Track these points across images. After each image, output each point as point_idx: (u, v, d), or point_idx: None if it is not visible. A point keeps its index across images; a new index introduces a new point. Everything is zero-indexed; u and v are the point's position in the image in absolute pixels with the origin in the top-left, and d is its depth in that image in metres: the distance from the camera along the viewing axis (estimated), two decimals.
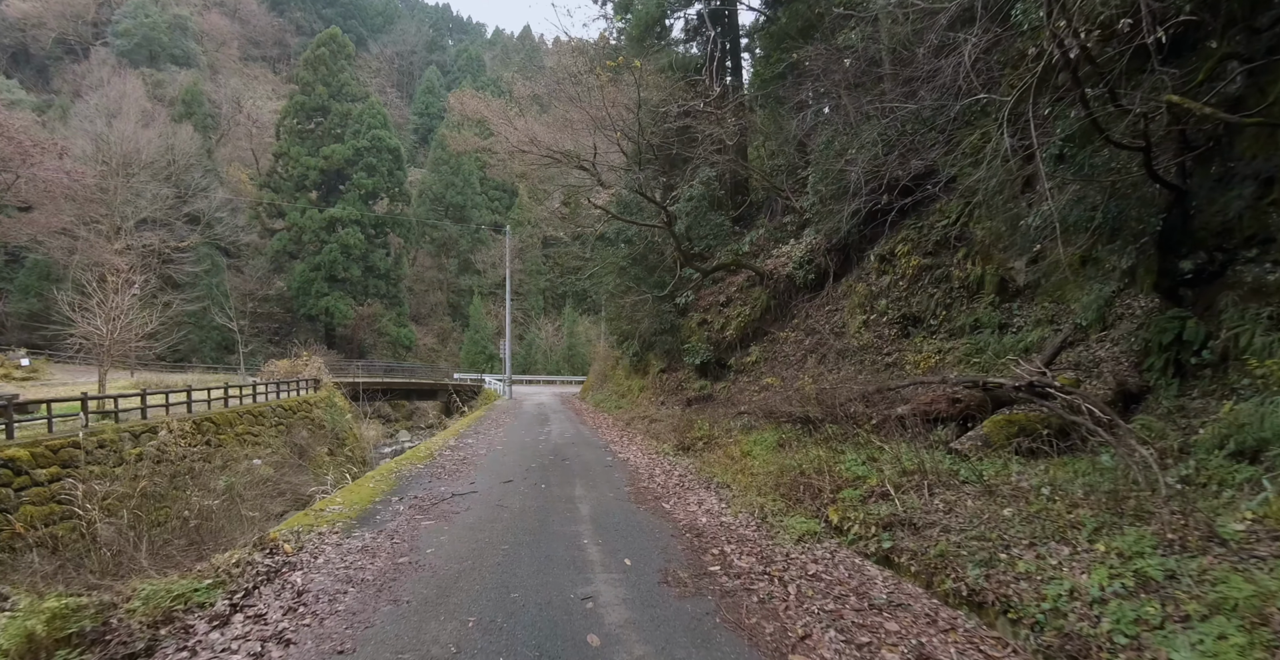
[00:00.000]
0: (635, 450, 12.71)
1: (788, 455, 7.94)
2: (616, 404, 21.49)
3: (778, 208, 19.57)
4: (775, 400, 11.77)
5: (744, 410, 10.99)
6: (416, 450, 12.81)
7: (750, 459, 8.48)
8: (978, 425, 7.58)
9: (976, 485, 5.66)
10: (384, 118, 53.49)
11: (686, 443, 11.27)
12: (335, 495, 8.55)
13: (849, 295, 15.55)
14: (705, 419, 12.07)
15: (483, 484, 9.26)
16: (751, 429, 9.87)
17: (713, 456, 9.68)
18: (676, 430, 12.48)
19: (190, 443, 16.29)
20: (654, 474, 9.85)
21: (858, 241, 15.89)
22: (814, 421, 9.52)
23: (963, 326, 12.23)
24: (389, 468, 10.70)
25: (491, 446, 13.41)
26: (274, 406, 20.94)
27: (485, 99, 22.31)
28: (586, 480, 9.50)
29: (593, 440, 14.86)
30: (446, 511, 7.51)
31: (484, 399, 36.85)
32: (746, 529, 6.36)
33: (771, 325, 16.92)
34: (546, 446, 13.46)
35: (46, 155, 32.99)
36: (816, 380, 13.27)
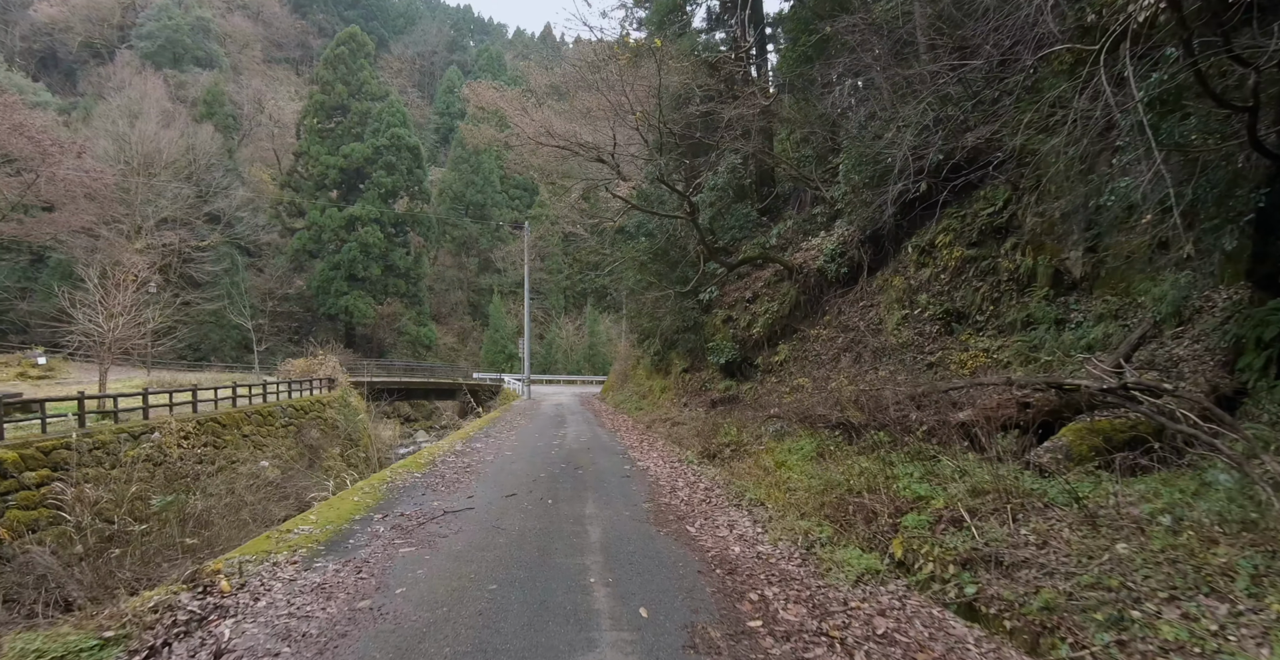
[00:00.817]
0: (656, 457, 11.75)
1: (830, 467, 6.94)
2: (637, 405, 20.57)
3: (806, 198, 18.53)
4: (809, 403, 10.78)
5: (775, 414, 9.99)
6: (417, 456, 11.95)
7: (786, 471, 7.48)
8: (1054, 433, 6.54)
9: (1071, 510, 4.64)
10: (403, 116, 53.14)
11: (712, 449, 10.25)
12: (311, 511, 7.71)
13: (885, 290, 14.49)
14: (732, 423, 11.05)
15: (482, 498, 8.36)
16: (784, 435, 8.87)
17: (742, 466, 8.67)
18: (701, 435, 11.50)
19: (193, 444, 15.68)
20: (676, 487, 8.85)
21: (894, 232, 14.83)
22: (855, 427, 8.52)
23: (1013, 323, 11.16)
24: (381, 477, 9.81)
25: (500, 452, 12.55)
26: (285, 406, 20.34)
27: (501, 89, 21.52)
28: (600, 494, 8.55)
29: (610, 445, 13.92)
30: (433, 534, 6.57)
31: (503, 399, 36.18)
32: (790, 562, 5.30)
33: (801, 322, 15.89)
34: (560, 452, 12.54)
35: (65, 155, 32.87)
36: (854, 381, 12.24)
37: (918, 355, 12.52)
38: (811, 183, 17.92)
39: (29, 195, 34.72)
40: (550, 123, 20.53)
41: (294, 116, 59.54)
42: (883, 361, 13.07)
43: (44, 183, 33.73)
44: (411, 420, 49.42)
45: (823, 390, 12.39)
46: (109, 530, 12.21)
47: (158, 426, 14.96)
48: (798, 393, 12.28)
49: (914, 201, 13.88)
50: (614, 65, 16.55)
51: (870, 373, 12.78)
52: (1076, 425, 6.58)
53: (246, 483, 16.18)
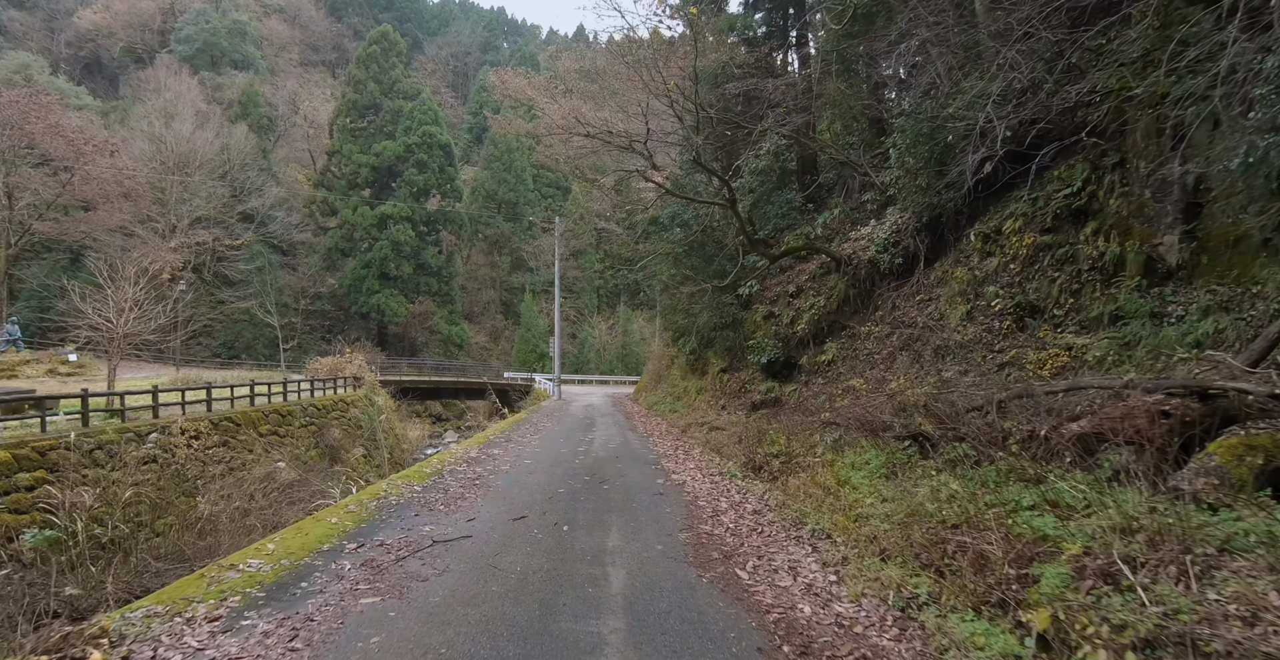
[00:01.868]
0: (693, 469, 10.43)
1: (907, 488, 5.66)
2: (671, 407, 19.37)
3: (854, 185, 17.16)
4: (867, 408, 9.47)
5: (830, 420, 8.70)
6: (424, 464, 10.80)
7: (852, 492, 6.19)
8: (1200, 451, 5.18)
9: (1267, 559, 3.32)
10: (435, 114, 52.79)
11: (758, 461, 8.93)
12: (273, 536, 6.56)
13: (946, 282, 13.09)
14: (778, 429, 9.75)
15: (484, 521, 7.01)
16: (843, 446, 7.58)
17: (796, 482, 7.39)
18: (743, 442, 10.23)
19: (204, 444, 14.96)
20: (719, 509, 7.47)
21: (954, 219, 13.43)
22: (929, 438, 7.22)
23: (1099, 317, 9.71)
24: (373, 492, 8.59)
25: (518, 460, 11.34)
26: (305, 405, 19.63)
27: (529, 75, 20.56)
28: (627, 518, 7.14)
29: (642, 453, 12.65)
30: (410, 576, 5.18)
31: (533, 399, 35.35)
32: (884, 634, 3.88)
33: (850, 318, 14.53)
34: (584, 461, 11.25)
35: (99, 153, 33.02)
36: (916, 383, 10.88)
37: (986, 354, 11.13)
38: (859, 168, 16.59)
39: (65, 195, 35.04)
40: (580, 111, 19.46)
41: (329, 118, 59.76)
42: (946, 361, 11.68)
43: (79, 182, 33.98)
44: (443, 419, 49.02)
45: (880, 393, 11.07)
46: (107, 535, 11.50)
47: (166, 426, 14.27)
48: (851, 396, 10.97)
49: (976, 185, 12.57)
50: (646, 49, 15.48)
51: (932, 374, 11.43)
52: (1227, 441, 5.20)
53: (260, 485, 15.42)
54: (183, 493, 13.77)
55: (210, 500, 13.96)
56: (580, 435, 14.60)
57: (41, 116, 32.65)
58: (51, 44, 72.34)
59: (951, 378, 10.53)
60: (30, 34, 70.84)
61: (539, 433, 15.11)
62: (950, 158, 12.89)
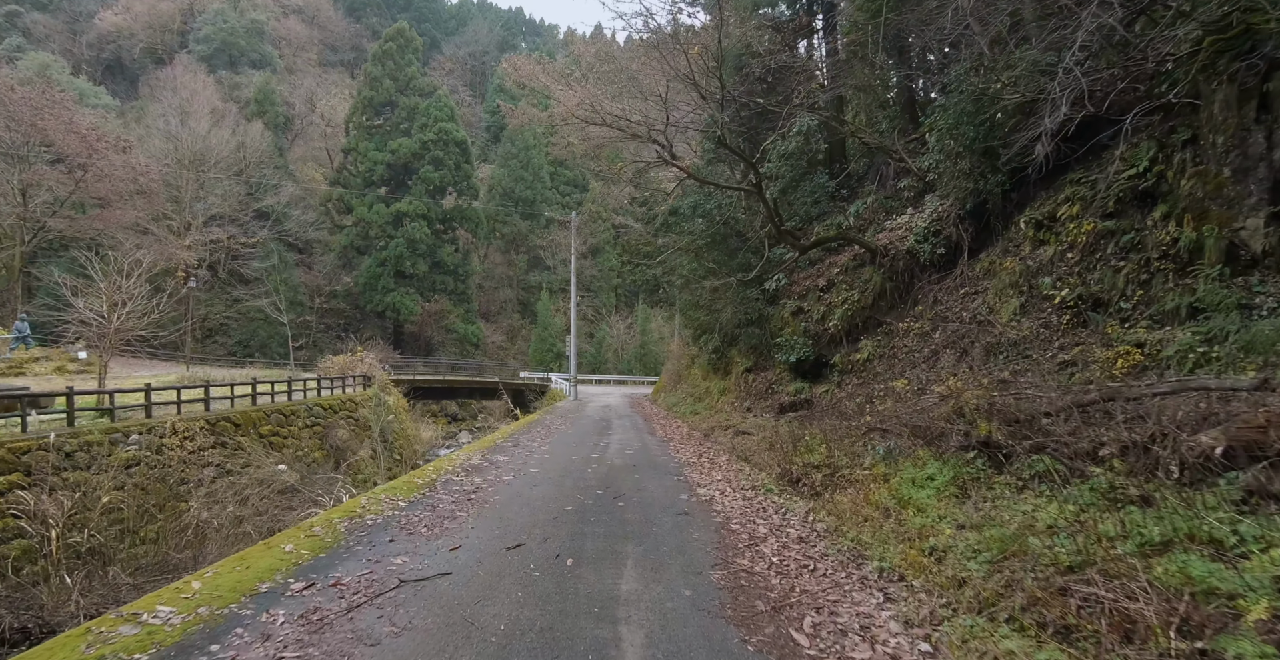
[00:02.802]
0: (720, 481, 9.19)
1: (989, 513, 4.60)
2: (692, 409, 18.33)
3: (888, 172, 16.04)
4: (916, 412, 8.39)
5: (873, 425, 7.63)
6: (416, 474, 9.62)
7: (917, 515, 5.10)
8: None
9: None
10: (451, 110, 52.16)
11: (795, 472, 7.80)
12: (199, 574, 5.11)
13: (994, 273, 11.98)
14: (815, 436, 8.65)
15: (472, 550, 5.77)
16: (896, 456, 6.50)
17: (844, 501, 6.24)
18: (775, 449, 9.15)
19: (199, 445, 14.19)
20: (757, 536, 6.15)
21: (1000, 205, 12.36)
22: (999, 449, 6.15)
23: (1175, 310, 8.61)
24: (348, 508, 7.34)
25: (524, 468, 10.17)
26: (311, 405, 18.86)
27: (541, 60, 19.66)
28: (646, 549, 5.82)
29: (661, 461, 11.34)
30: (356, 638, 3.95)
31: (549, 400, 34.50)
32: None
33: (887, 314, 13.45)
34: (598, 470, 10.03)
35: (111, 150, 32.70)
36: (968, 383, 9.76)
37: (1045, 352, 10.01)
38: (893, 153, 15.49)
39: (79, 192, 34.79)
40: (596, 99, 18.53)
41: (346, 116, 59.47)
42: (999, 360, 10.58)
43: (92, 179, 33.70)
44: (459, 419, 48.38)
45: (927, 395, 9.98)
46: (86, 544, 10.73)
47: (157, 426, 13.50)
48: (894, 398, 9.89)
49: (1025, 168, 11.50)
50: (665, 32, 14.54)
51: (985, 374, 10.33)
52: None
53: (258, 489, 14.63)
54: (173, 497, 12.98)
55: (203, 505, 13.18)
56: (595, 440, 13.55)
57: (54, 113, 32.42)
58: (73, 46, 72.91)
59: (1009, 379, 9.44)
60: (53, 36, 71.43)
61: (550, 436, 14.07)
62: (997, 138, 11.81)
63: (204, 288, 43.98)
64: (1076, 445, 5.90)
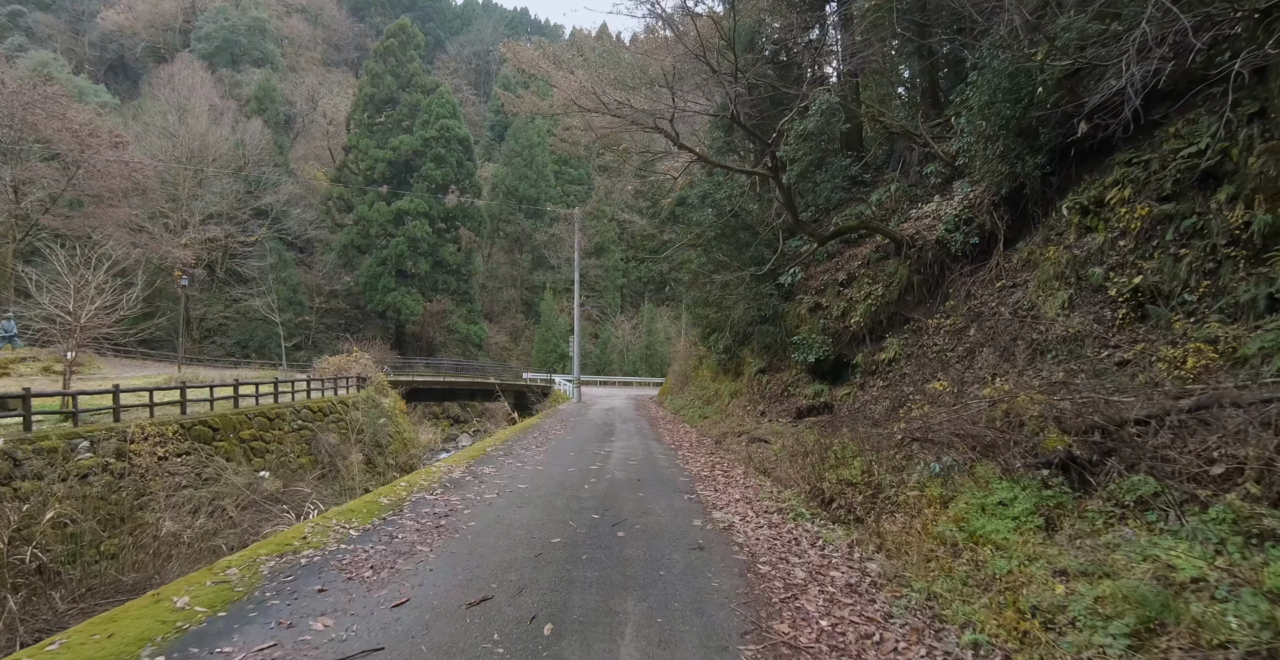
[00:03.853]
0: (739, 502, 7.84)
1: (1100, 556, 3.50)
2: (700, 412, 17.24)
3: (911, 158, 14.98)
4: (963, 419, 7.31)
5: (917, 434, 6.55)
6: (382, 491, 8.01)
7: (999, 557, 3.91)
8: None
9: None
10: (453, 107, 51.25)
11: (828, 491, 6.65)
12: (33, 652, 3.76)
13: (1035, 264, 10.91)
14: (846, 445, 7.52)
15: (420, 608, 4.41)
16: (951, 473, 5.41)
17: (894, 530, 5.17)
18: (800, 461, 8.03)
19: (171, 450, 13.21)
20: (794, 581, 4.84)
21: (1039, 190, 11.28)
22: (1081, 465, 5.09)
23: (1251, 301, 7.51)
24: (283, 540, 5.92)
25: (511, 483, 8.83)
26: (299, 407, 17.89)
27: (542, 45, 18.68)
28: (652, 607, 4.45)
29: (670, 474, 9.97)
30: None
31: (552, 401, 33.49)
32: None
33: (914, 309, 12.36)
34: (596, 487, 8.71)
35: (103, 144, 31.86)
36: (1020, 386, 8.65)
37: (1100, 350, 8.90)
38: (917, 138, 14.43)
39: (71, 189, 33.97)
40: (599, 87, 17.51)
41: (347, 113, 58.68)
42: (1046, 359, 9.46)
43: (84, 175, 32.87)
44: (461, 421, 47.42)
45: (970, 399, 8.89)
46: (37, 561, 9.75)
47: (127, 430, 12.53)
48: (932, 402, 8.80)
49: (1067, 149, 10.46)
50: None
51: (1030, 374, 9.23)
52: None
53: (235, 498, 13.65)
54: (140, 508, 12.00)
55: (172, 517, 12.18)
56: (595, 447, 12.44)
57: (46, 108, 31.63)
58: (76, 45, 72.54)
59: (1064, 380, 8.34)
60: (56, 36, 71.02)
61: (547, 443, 12.92)
62: (1037, 116, 10.76)
63: (201, 287, 43.16)
64: (1180, 463, 4.83)
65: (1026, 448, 5.97)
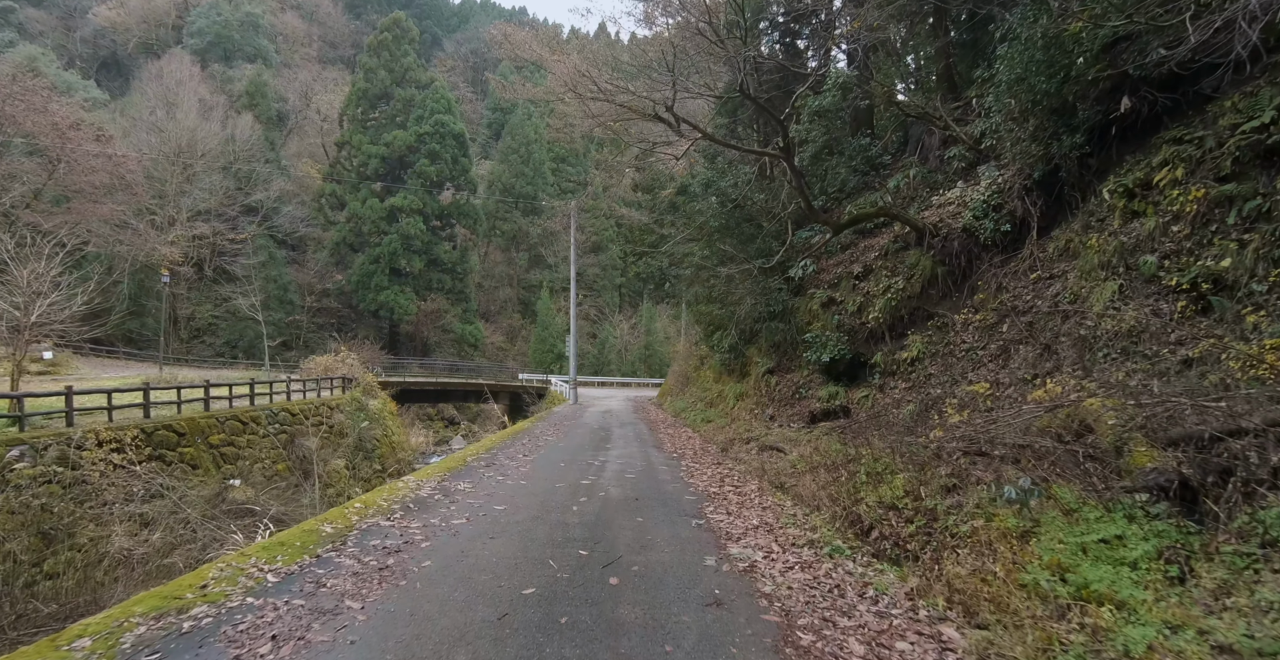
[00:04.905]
0: (758, 528, 6.39)
1: (1266, 623, 2.47)
2: (703, 415, 16.17)
3: (931, 142, 13.98)
4: (1016, 427, 6.29)
5: (968, 445, 5.50)
6: (325, 518, 6.42)
7: (1125, 619, 2.80)
8: None
9: None
10: (448, 102, 50.19)
11: (866, 518, 5.49)
12: None
13: (1075, 253, 9.90)
14: (880, 457, 6.44)
15: None
16: (1026, 498, 4.34)
17: (962, 573, 3.96)
18: (820, 474, 6.93)
19: (130, 458, 12.15)
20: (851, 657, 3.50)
21: (1076, 172, 10.28)
22: (1196, 490, 4.06)
23: None
24: (179, 588, 4.42)
25: (487, 504, 7.38)
26: (276, 410, 16.83)
27: (535, 27, 17.66)
28: None
29: (672, 491, 8.46)
30: None
31: (548, 403, 32.41)
32: None
33: (939, 304, 11.35)
34: (587, 509, 7.24)
35: (86, 139, 30.77)
36: (1074, 388, 7.66)
37: (1158, 346, 7.87)
38: (937, 120, 13.42)
39: (53, 183, 32.91)
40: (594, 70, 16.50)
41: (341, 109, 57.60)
42: (1096, 357, 8.41)
43: (64, 170, 31.79)
44: (456, 423, 46.35)
45: (1015, 402, 7.87)
46: None
47: (82, 435, 11.47)
48: (971, 407, 7.77)
49: (1106, 126, 9.47)
50: None
51: (1079, 373, 8.22)
52: None
53: (200, 509, 12.60)
54: (91, 521, 10.94)
55: (125, 531, 11.13)
56: (589, 456, 11.24)
57: (26, 100, 30.57)
58: (68, 42, 71.50)
59: (1123, 380, 7.32)
60: (48, 33, 69.94)
61: (537, 451, 11.75)
62: (1076, 91, 9.77)
63: (189, 286, 42.10)
64: None
65: (1106, 464, 4.93)
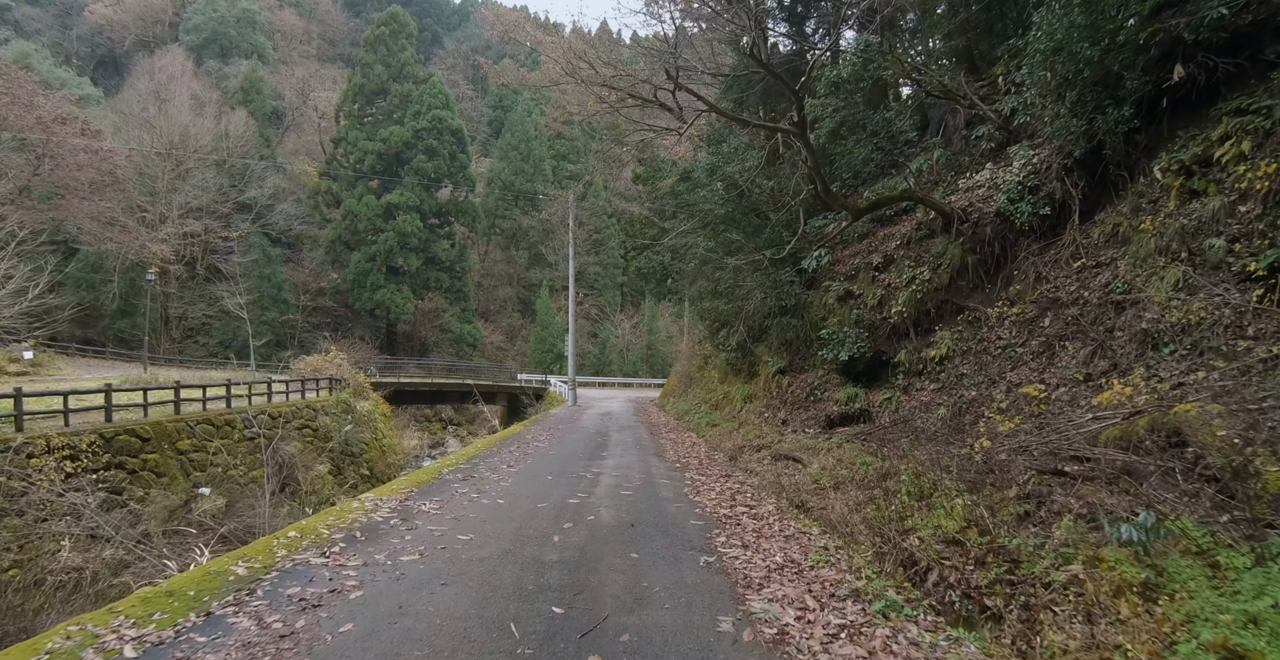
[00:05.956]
0: (784, 568, 4.98)
1: None
2: (708, 419, 15.14)
3: (955, 122, 12.96)
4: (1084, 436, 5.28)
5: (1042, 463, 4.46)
6: (241, 554, 5.13)
7: None
8: None
9: None
10: (446, 97, 49.19)
11: (920, 557, 4.32)
12: None
13: (1125, 237, 8.91)
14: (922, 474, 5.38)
15: None
16: (1149, 535, 3.31)
17: (1072, 649, 2.82)
18: (848, 491, 5.90)
19: (87, 465, 11.17)
20: None
21: (1122, 149, 9.28)
22: None
23: None
24: None
25: (451, 532, 5.99)
26: (253, 413, 15.84)
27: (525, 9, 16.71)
28: None
29: (675, 513, 7.03)
30: None
31: (546, 404, 31.42)
32: None
33: (969, 296, 10.33)
34: (570, 540, 5.84)
35: (71, 134, 29.84)
36: (1145, 390, 6.68)
37: (1233, 341, 6.86)
38: (961, 99, 12.41)
39: (39, 179, 31.98)
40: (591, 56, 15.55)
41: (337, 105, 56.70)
42: (1160, 355, 7.38)
43: (50, 165, 30.85)
44: (455, 424, 45.41)
45: (1074, 407, 6.85)
46: None
47: (30, 442, 10.49)
48: (1021, 411, 6.74)
49: (1156, 98, 8.49)
50: None
51: (1140, 371, 7.21)
52: None
53: (162, 522, 11.62)
54: (38, 536, 9.95)
55: (77, 546, 10.14)
56: (582, 467, 10.09)
57: (11, 94, 29.68)
58: (64, 39, 70.66)
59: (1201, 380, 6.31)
60: (44, 31, 69.08)
61: (524, 460, 10.57)
62: (1121, 60, 8.76)
63: (180, 284, 41.20)
64: None
65: (1223, 488, 3.90)
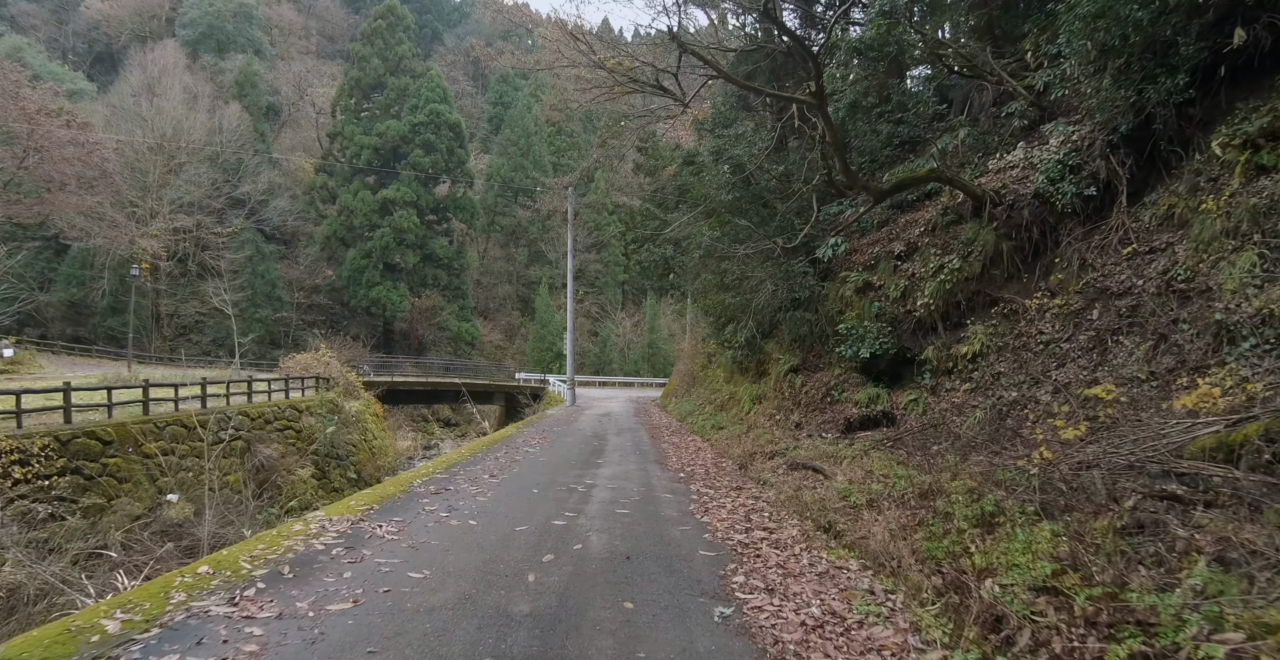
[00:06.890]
0: (820, 622, 3.86)
1: None
2: (713, 420, 14.17)
3: (982, 99, 11.99)
4: (1169, 446, 4.32)
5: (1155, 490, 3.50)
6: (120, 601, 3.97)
7: None
8: None
9: None
10: (444, 91, 48.27)
11: (999, 610, 3.01)
12: None
13: (1182, 220, 7.95)
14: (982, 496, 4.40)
15: None
16: None
17: None
18: (884, 512, 4.86)
19: (37, 471, 10.24)
20: None
21: (1174, 123, 8.28)
22: None
23: None
24: None
25: (403, 568, 4.75)
26: (230, 414, 14.91)
27: None
28: None
29: (681, 541, 5.80)
30: None
31: (544, 404, 30.48)
32: None
33: (1004, 286, 9.37)
34: (549, 580, 4.60)
35: (55, 125, 28.92)
36: (1226, 389, 5.71)
37: None
38: (989, 74, 11.44)
39: (23, 173, 31.06)
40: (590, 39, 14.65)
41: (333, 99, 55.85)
42: (1239, 349, 6.39)
43: (36, 158, 29.92)
44: (452, 424, 44.50)
45: (1144, 410, 5.90)
46: None
47: None
48: (1085, 416, 5.78)
49: (1213, 67, 7.52)
50: None
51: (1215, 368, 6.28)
52: None
53: (121, 533, 10.69)
54: None
55: (19, 562, 9.22)
56: (574, 477, 9.06)
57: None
58: (60, 35, 69.92)
59: None
60: (40, 26, 68.30)
61: (510, 468, 9.43)
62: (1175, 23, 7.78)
63: (170, 281, 40.32)
64: None
65: None
